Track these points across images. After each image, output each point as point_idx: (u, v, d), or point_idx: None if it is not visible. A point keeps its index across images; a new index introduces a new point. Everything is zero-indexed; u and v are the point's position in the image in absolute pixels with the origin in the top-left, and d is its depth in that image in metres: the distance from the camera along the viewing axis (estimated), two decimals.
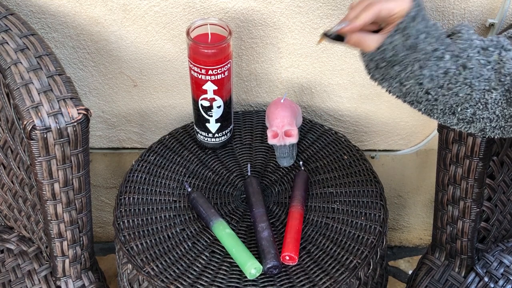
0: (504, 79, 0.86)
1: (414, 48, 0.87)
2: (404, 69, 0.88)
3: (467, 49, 0.87)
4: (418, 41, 0.87)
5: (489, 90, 0.87)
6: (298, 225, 1.10)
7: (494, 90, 0.87)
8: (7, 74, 1.01)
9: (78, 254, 1.12)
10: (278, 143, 1.20)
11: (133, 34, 1.26)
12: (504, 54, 0.86)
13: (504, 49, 0.87)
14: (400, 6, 0.87)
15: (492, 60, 0.86)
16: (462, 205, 1.12)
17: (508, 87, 0.86)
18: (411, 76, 0.88)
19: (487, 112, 0.88)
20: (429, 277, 1.20)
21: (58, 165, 0.99)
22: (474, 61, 0.86)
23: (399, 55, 0.87)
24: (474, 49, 0.87)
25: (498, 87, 0.86)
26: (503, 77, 0.86)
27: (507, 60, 0.86)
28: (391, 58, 0.88)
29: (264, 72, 1.33)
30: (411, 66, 0.88)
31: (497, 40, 0.88)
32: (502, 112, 0.88)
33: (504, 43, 0.87)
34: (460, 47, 0.87)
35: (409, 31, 0.86)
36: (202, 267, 1.06)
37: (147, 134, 1.45)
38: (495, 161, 1.11)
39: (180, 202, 1.17)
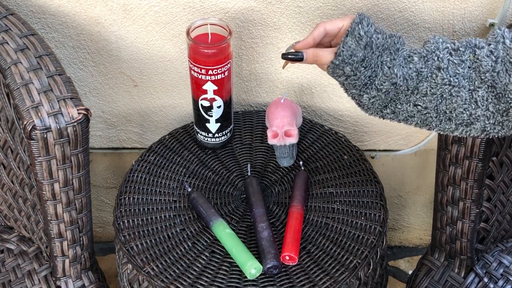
0: (485, 76, 0.88)
1: (370, 45, 0.91)
2: (374, 72, 0.92)
3: (435, 51, 0.90)
4: (372, 40, 0.91)
5: (474, 89, 0.89)
6: (298, 225, 1.10)
7: (478, 88, 0.89)
8: (7, 74, 1.01)
9: (78, 254, 1.12)
10: (278, 143, 1.20)
11: (133, 34, 1.26)
12: (479, 53, 0.88)
13: (478, 47, 0.89)
14: (344, 20, 0.95)
15: (465, 59, 0.89)
16: (462, 205, 1.12)
17: (491, 83, 0.88)
18: (384, 79, 0.91)
19: (480, 110, 0.89)
20: (429, 277, 1.20)
21: (58, 165, 0.99)
22: (446, 61, 0.89)
23: (358, 55, 0.91)
24: (443, 50, 0.90)
25: (481, 85, 0.88)
26: (483, 75, 0.88)
27: (482, 58, 0.88)
28: (351, 60, 0.91)
29: (264, 72, 1.33)
30: (380, 69, 0.91)
31: (467, 41, 0.90)
32: (495, 108, 0.89)
33: (475, 42, 0.89)
34: (427, 49, 0.90)
35: (359, 32, 0.91)
36: (202, 267, 1.07)
37: (147, 134, 1.45)
38: (495, 162, 1.11)
39: (180, 202, 1.17)
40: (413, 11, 1.22)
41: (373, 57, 0.91)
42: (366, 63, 0.91)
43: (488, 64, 0.87)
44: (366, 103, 0.94)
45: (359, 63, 0.91)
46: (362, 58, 0.91)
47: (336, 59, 0.92)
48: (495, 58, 0.87)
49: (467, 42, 0.90)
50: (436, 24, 1.24)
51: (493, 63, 0.87)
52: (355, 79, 0.93)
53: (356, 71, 0.92)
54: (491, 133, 0.91)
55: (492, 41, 0.88)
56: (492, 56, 0.87)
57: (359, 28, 0.91)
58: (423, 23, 1.24)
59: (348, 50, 0.91)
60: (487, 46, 0.88)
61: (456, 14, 1.23)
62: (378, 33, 0.92)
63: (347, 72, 0.92)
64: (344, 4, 1.21)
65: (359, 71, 0.92)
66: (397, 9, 1.22)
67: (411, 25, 1.24)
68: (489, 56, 0.88)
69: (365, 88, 0.93)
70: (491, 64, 0.87)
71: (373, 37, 0.91)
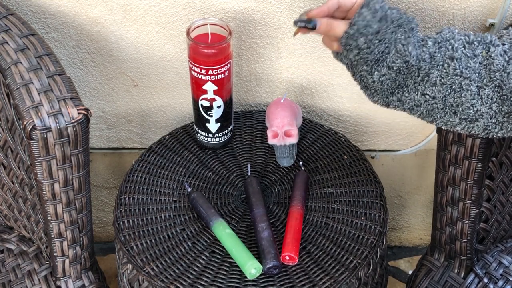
0: (494, 75, 0.87)
1: (385, 19, 0.90)
2: (387, 48, 0.90)
3: (450, 39, 0.89)
4: (387, 14, 0.90)
5: (481, 86, 0.88)
6: (298, 225, 1.10)
7: (486, 86, 0.88)
8: (7, 74, 1.01)
9: (78, 254, 1.12)
10: (278, 143, 1.20)
11: (133, 34, 1.27)
12: (493, 50, 0.88)
13: (492, 44, 0.88)
14: None
15: (478, 54, 0.88)
16: (461, 206, 1.12)
17: (499, 83, 0.87)
18: (397, 56, 0.90)
19: (484, 107, 0.89)
20: (429, 278, 1.20)
21: (58, 165, 0.99)
22: (460, 52, 0.88)
23: (373, 26, 0.89)
24: (458, 41, 0.89)
25: (489, 83, 0.88)
26: (493, 73, 0.87)
27: (495, 56, 0.87)
28: (365, 30, 0.89)
29: (264, 72, 1.33)
30: (393, 46, 0.90)
31: (482, 36, 0.89)
32: (498, 108, 0.89)
33: (491, 39, 0.89)
34: (442, 36, 0.90)
35: (374, 6, 0.90)
36: (202, 267, 1.07)
37: (147, 134, 1.45)
38: (494, 162, 1.11)
39: (180, 202, 1.17)
40: (413, 11, 1.22)
41: (388, 31, 0.90)
42: (380, 35, 0.90)
43: (500, 63, 0.86)
44: (375, 84, 0.93)
45: (373, 35, 0.90)
46: (377, 30, 0.89)
47: (351, 28, 0.90)
48: (508, 59, 0.86)
49: (482, 37, 0.89)
50: (436, 24, 1.24)
51: (506, 63, 0.86)
52: (367, 52, 0.91)
53: (370, 43, 0.90)
54: (492, 132, 0.91)
55: (507, 41, 0.88)
56: (505, 56, 0.87)
57: (374, 2, 0.90)
58: (423, 23, 1.24)
59: (364, 20, 0.89)
60: (502, 46, 0.87)
61: (456, 14, 1.23)
62: (392, 9, 0.91)
63: (360, 43, 0.91)
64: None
65: (373, 44, 0.90)
66: None
67: None
68: (503, 56, 0.87)
69: (376, 64, 0.91)
70: (503, 64, 0.86)
71: (388, 12, 0.90)
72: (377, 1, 0.90)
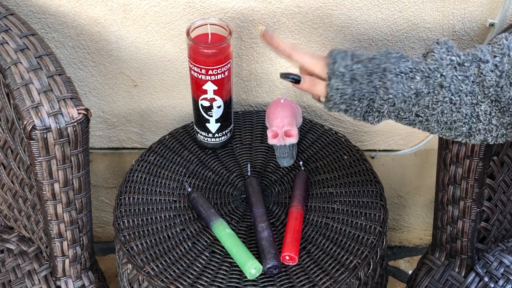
0: (488, 91, 0.86)
1: (355, 78, 0.91)
2: (370, 100, 0.92)
3: (438, 69, 0.88)
4: (354, 72, 0.91)
5: (477, 103, 0.88)
6: (298, 225, 1.10)
7: (481, 102, 0.87)
8: (7, 74, 1.01)
9: (78, 254, 1.12)
10: (278, 143, 1.20)
11: (133, 34, 1.26)
12: (484, 67, 0.87)
13: (482, 61, 0.87)
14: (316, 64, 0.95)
15: (469, 75, 0.87)
16: (462, 205, 1.12)
17: (495, 98, 0.87)
18: (382, 102, 0.91)
19: (482, 124, 0.88)
20: (429, 277, 1.20)
21: (58, 165, 0.99)
22: (449, 79, 0.87)
23: (348, 92, 0.91)
24: (447, 67, 0.88)
25: (484, 99, 0.87)
26: (487, 90, 0.86)
27: (486, 73, 0.86)
28: (342, 99, 0.92)
29: (264, 72, 1.33)
30: (376, 93, 0.91)
31: (473, 54, 0.88)
32: (499, 121, 0.88)
33: (480, 56, 0.87)
34: (430, 68, 0.88)
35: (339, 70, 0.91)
36: (202, 267, 1.06)
37: (147, 134, 1.45)
38: (495, 161, 1.11)
39: (180, 202, 1.17)
40: (413, 11, 1.22)
41: (363, 87, 0.91)
42: (357, 95, 0.91)
43: (492, 79, 0.86)
44: (373, 122, 0.95)
45: (351, 99, 0.92)
46: (352, 94, 0.91)
47: (328, 103, 0.93)
48: (500, 73, 0.86)
49: (473, 56, 0.88)
50: (436, 24, 1.24)
51: (497, 78, 0.86)
52: (352, 111, 0.93)
53: (351, 105, 0.92)
54: (491, 143, 0.91)
55: (497, 53, 0.87)
56: (496, 71, 0.86)
57: (337, 67, 0.91)
58: (423, 23, 1.24)
59: (337, 92, 0.92)
60: (492, 60, 0.86)
61: (456, 14, 1.22)
62: (357, 62, 0.91)
63: (342, 109, 0.93)
64: (344, 5, 1.21)
65: (354, 105, 0.92)
66: (397, 9, 1.22)
67: (411, 25, 1.24)
68: (494, 71, 0.86)
69: (367, 114, 0.93)
70: (495, 79, 0.86)
71: (354, 69, 0.91)
72: (339, 64, 0.91)
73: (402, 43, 1.27)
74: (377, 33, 1.25)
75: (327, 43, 1.27)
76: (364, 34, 1.26)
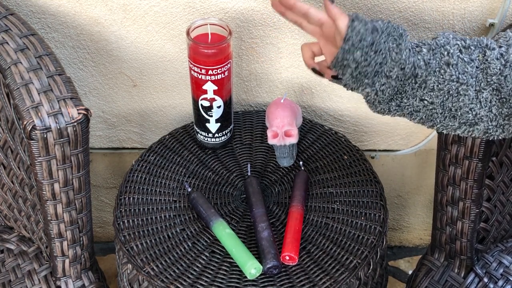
0: (491, 79, 0.87)
1: (376, 30, 0.88)
2: (384, 59, 0.89)
3: (445, 45, 0.88)
4: (375, 25, 0.89)
5: (479, 90, 0.88)
6: (298, 225, 1.10)
7: (483, 89, 0.88)
8: (7, 74, 1.01)
9: (78, 254, 1.12)
10: (278, 143, 1.20)
11: (133, 34, 1.27)
12: (489, 54, 0.87)
13: (488, 48, 0.88)
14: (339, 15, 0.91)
15: (474, 58, 0.88)
16: (462, 205, 1.12)
17: (496, 86, 0.87)
18: (393, 65, 0.88)
19: (483, 111, 0.89)
20: (429, 277, 1.20)
21: (58, 165, 0.99)
22: (456, 57, 0.87)
23: (367, 39, 0.88)
24: (454, 46, 0.88)
25: (486, 87, 0.88)
26: (490, 77, 0.87)
27: (492, 60, 0.87)
28: (360, 44, 0.88)
29: (264, 72, 1.33)
30: (388, 55, 0.88)
31: (478, 40, 0.89)
32: (498, 111, 0.88)
33: (487, 42, 0.88)
34: (437, 43, 0.89)
35: (363, 17, 0.89)
36: (202, 267, 1.07)
37: (147, 134, 1.45)
38: (494, 162, 1.11)
39: (180, 202, 1.17)
40: (413, 11, 1.22)
41: (381, 41, 0.88)
42: (375, 47, 0.88)
43: (497, 67, 0.86)
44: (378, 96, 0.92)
45: (369, 47, 0.88)
46: (371, 42, 0.87)
47: (346, 44, 0.88)
48: (505, 62, 0.86)
49: (478, 41, 0.89)
50: (436, 24, 1.24)
51: (502, 66, 0.86)
52: (365, 65, 0.89)
53: (367, 55, 0.88)
54: (492, 135, 0.91)
55: (503, 44, 0.87)
56: (501, 60, 0.86)
57: (361, 17, 0.89)
58: (423, 23, 1.24)
59: (358, 34, 0.87)
60: (498, 49, 0.87)
61: (456, 14, 1.23)
62: (376, 21, 0.90)
63: (357, 57, 0.88)
64: (344, 4, 1.21)
65: (369, 56, 0.88)
66: (397, 9, 1.22)
67: (411, 25, 1.24)
68: (499, 59, 0.86)
69: (376, 76, 0.89)
70: (500, 67, 0.86)
71: (375, 23, 0.89)
72: (362, 17, 0.89)
73: None
74: None
75: None
76: None
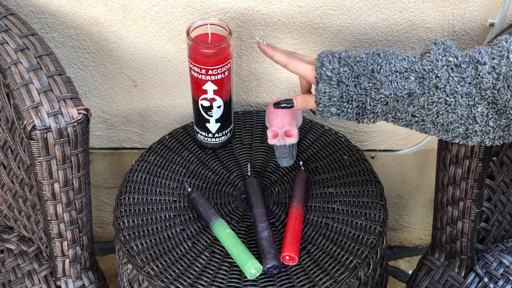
0: (485, 93, 0.86)
1: (341, 81, 0.92)
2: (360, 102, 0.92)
3: (433, 70, 0.88)
4: (341, 74, 0.92)
5: (474, 105, 0.87)
6: (298, 225, 1.10)
7: (478, 104, 0.87)
8: (7, 74, 1.01)
9: (78, 254, 1.12)
10: (278, 143, 1.20)
11: (133, 34, 1.26)
12: (481, 69, 0.86)
13: (479, 63, 0.87)
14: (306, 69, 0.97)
15: (466, 76, 0.87)
16: (462, 205, 1.12)
17: (492, 100, 0.86)
18: (375, 103, 0.91)
19: (478, 126, 0.88)
20: (429, 277, 1.20)
21: (58, 165, 0.99)
22: (444, 80, 0.87)
23: (335, 94, 0.92)
24: (442, 68, 0.88)
25: (481, 101, 0.87)
26: (484, 92, 0.86)
27: (484, 75, 0.86)
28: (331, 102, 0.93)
29: (264, 72, 1.33)
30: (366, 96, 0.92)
31: (471, 55, 0.88)
32: (496, 123, 0.88)
33: (478, 58, 0.87)
34: (425, 69, 0.89)
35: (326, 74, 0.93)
36: (202, 267, 1.07)
37: (147, 134, 1.45)
38: (495, 162, 1.11)
39: (180, 202, 1.17)
40: (413, 11, 1.22)
41: (350, 89, 0.92)
42: (345, 97, 0.92)
43: (489, 81, 0.85)
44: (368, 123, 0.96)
45: (340, 101, 0.93)
46: (340, 96, 0.92)
47: (318, 107, 0.94)
48: (497, 75, 0.85)
49: (470, 57, 0.88)
50: (436, 24, 1.24)
51: (494, 80, 0.85)
52: (345, 114, 0.94)
53: (341, 108, 0.93)
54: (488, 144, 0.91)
55: (496, 55, 0.86)
56: (493, 73, 0.85)
57: (324, 71, 0.92)
58: (423, 23, 1.24)
59: (324, 95, 0.93)
60: (490, 62, 0.86)
61: (456, 14, 1.23)
62: (343, 65, 0.92)
63: (334, 112, 0.94)
64: (344, 4, 1.21)
65: (344, 107, 0.93)
66: (397, 9, 1.22)
67: (411, 25, 1.24)
68: (491, 73, 0.85)
69: (360, 117, 0.94)
70: (492, 81, 0.85)
71: (341, 72, 0.92)
72: (326, 68, 0.92)
73: (402, 43, 1.27)
74: (377, 33, 1.25)
75: (327, 43, 1.27)
76: (364, 34, 1.26)
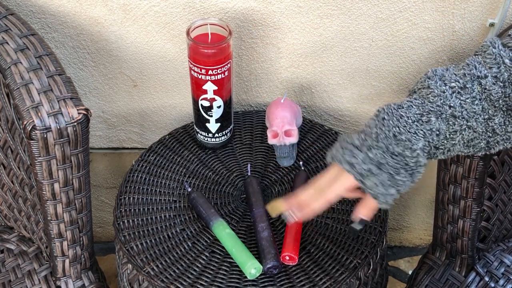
0: (498, 103, 0.86)
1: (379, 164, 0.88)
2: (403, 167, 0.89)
3: (445, 103, 0.87)
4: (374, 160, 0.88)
5: (489, 118, 0.87)
6: (298, 225, 1.09)
7: (494, 116, 0.87)
8: (7, 74, 1.01)
9: (78, 254, 1.12)
10: (278, 143, 1.20)
11: (133, 34, 1.26)
12: (485, 83, 0.86)
13: (481, 77, 0.86)
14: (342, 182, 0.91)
15: (476, 94, 0.86)
16: (463, 204, 1.12)
17: (506, 107, 0.86)
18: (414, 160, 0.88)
19: (499, 136, 0.88)
20: (430, 276, 1.20)
21: (58, 165, 0.99)
22: (459, 107, 0.86)
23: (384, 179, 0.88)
24: (451, 97, 0.87)
25: (496, 113, 0.87)
26: (496, 103, 0.86)
27: (490, 87, 0.86)
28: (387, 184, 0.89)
29: (264, 72, 1.33)
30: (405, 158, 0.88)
31: (469, 73, 0.87)
32: None
33: (477, 74, 0.87)
34: (437, 104, 0.87)
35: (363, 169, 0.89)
36: (202, 267, 1.06)
37: (147, 134, 1.45)
38: (496, 161, 1.11)
39: (180, 202, 1.17)
40: (413, 11, 1.22)
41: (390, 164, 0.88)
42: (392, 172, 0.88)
43: (498, 91, 0.85)
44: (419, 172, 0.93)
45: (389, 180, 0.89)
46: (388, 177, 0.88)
47: (380, 201, 0.91)
48: (502, 83, 0.85)
49: (470, 75, 0.87)
50: (436, 24, 1.24)
51: (502, 88, 0.85)
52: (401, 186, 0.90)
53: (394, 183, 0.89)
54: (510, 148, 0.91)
55: (492, 64, 0.86)
56: (498, 83, 0.85)
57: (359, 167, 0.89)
58: (423, 23, 1.24)
59: (377, 187, 0.89)
60: (490, 72, 0.86)
61: (456, 14, 1.22)
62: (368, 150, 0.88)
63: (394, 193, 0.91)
64: (344, 4, 1.21)
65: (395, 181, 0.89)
66: (397, 9, 1.22)
67: (411, 25, 1.24)
68: (496, 83, 0.85)
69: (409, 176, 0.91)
70: (501, 90, 0.85)
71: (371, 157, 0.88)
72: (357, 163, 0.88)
73: (402, 43, 1.27)
74: (377, 33, 1.25)
75: (327, 43, 1.27)
76: (364, 34, 1.26)
